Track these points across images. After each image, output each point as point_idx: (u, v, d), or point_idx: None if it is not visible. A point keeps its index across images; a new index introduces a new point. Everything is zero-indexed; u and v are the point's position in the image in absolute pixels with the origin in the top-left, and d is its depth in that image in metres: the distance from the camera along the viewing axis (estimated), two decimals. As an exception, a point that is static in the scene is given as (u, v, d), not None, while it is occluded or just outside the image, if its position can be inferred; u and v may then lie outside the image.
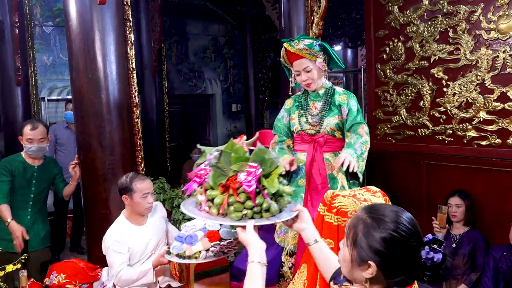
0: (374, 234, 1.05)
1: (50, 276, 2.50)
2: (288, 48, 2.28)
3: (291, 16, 3.85)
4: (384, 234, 1.04)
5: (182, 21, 7.51)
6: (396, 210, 1.10)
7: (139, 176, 2.42)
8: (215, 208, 1.36)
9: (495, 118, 2.94)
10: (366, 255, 1.06)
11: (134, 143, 2.97)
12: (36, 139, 2.84)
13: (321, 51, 2.28)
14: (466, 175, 3.13)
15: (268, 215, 1.36)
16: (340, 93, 2.36)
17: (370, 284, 1.09)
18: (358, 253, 1.08)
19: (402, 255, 1.05)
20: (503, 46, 2.86)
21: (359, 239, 1.08)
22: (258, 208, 1.35)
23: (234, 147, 1.41)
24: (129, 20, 2.92)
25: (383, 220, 1.06)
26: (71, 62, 2.84)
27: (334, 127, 2.30)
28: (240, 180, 1.33)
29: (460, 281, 2.92)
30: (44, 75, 6.10)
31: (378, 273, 1.06)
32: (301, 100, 2.42)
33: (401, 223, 1.06)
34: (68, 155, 4.31)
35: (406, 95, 3.50)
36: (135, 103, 2.98)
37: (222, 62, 8.08)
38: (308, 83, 2.30)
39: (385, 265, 1.05)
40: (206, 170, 1.42)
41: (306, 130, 2.34)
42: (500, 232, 2.82)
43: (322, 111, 2.32)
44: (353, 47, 6.54)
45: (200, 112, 8.10)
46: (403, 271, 1.06)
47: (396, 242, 1.04)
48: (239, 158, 1.37)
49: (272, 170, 1.39)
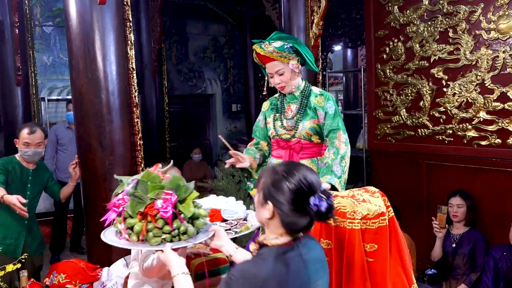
0: (272, 179, 1.31)
1: (50, 276, 2.50)
2: (257, 50, 2.20)
3: (291, 16, 3.85)
4: (277, 177, 1.30)
5: (182, 21, 7.51)
6: (294, 165, 1.35)
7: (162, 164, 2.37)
8: (135, 235, 1.44)
9: (495, 118, 2.94)
10: (266, 196, 1.32)
11: (134, 143, 2.97)
12: (34, 144, 2.79)
13: (293, 53, 2.17)
14: (466, 175, 3.13)
15: (186, 237, 1.47)
16: (316, 94, 2.25)
17: (270, 227, 1.33)
18: (262, 195, 1.33)
19: (293, 199, 1.27)
20: (503, 46, 2.86)
21: (262, 183, 1.34)
22: (176, 232, 1.45)
23: (150, 176, 1.51)
24: (129, 20, 2.91)
25: (281, 168, 1.32)
26: (71, 62, 2.84)
27: (310, 132, 2.20)
28: (157, 207, 1.43)
29: (460, 281, 2.92)
30: (44, 75, 6.10)
31: (275, 214, 1.30)
32: (277, 103, 2.34)
33: (295, 174, 1.29)
34: (69, 155, 4.31)
35: (406, 95, 3.50)
36: (135, 103, 2.97)
37: (222, 62, 8.07)
38: (281, 86, 2.22)
39: (278, 207, 1.29)
40: (124, 200, 1.49)
41: (281, 135, 2.25)
42: (500, 232, 2.82)
43: (297, 114, 2.22)
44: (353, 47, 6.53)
45: (200, 112, 8.10)
46: (294, 215, 1.28)
47: (287, 187, 1.28)
48: (155, 186, 1.48)
49: (187, 195, 1.51)
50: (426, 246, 3.28)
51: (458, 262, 2.96)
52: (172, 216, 1.43)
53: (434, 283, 3.06)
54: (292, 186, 1.27)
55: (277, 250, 1.29)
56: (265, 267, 1.24)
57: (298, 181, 1.28)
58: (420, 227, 3.43)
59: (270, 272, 1.23)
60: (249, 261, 1.34)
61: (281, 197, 1.28)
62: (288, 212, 1.28)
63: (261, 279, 1.22)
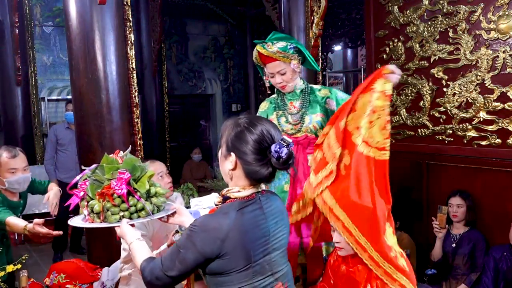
0: (236, 131, 1.37)
1: (50, 276, 2.49)
2: (260, 50, 2.21)
3: (291, 16, 3.85)
4: (240, 129, 1.37)
5: (182, 21, 7.51)
6: (256, 117, 1.44)
7: (151, 160, 2.32)
8: (96, 215, 1.54)
9: (495, 118, 2.94)
10: (229, 148, 1.38)
11: (134, 143, 2.97)
12: (21, 168, 2.37)
13: (295, 53, 2.21)
14: (466, 175, 3.13)
15: (144, 214, 1.56)
16: (318, 88, 2.30)
17: (233, 179, 1.40)
18: (225, 147, 1.40)
19: (256, 148, 1.34)
20: (503, 46, 2.86)
21: (224, 136, 1.41)
22: (133, 209, 1.55)
23: (108, 159, 1.61)
24: (129, 20, 2.92)
25: (243, 121, 1.39)
26: (71, 62, 2.84)
27: (317, 125, 2.21)
28: (113, 186, 1.53)
29: (460, 281, 2.92)
30: (44, 75, 6.10)
31: (238, 164, 1.37)
32: (277, 102, 2.35)
33: (257, 125, 1.37)
34: (69, 155, 4.32)
35: (406, 95, 3.50)
36: (135, 103, 2.98)
37: (222, 62, 8.08)
38: (283, 85, 2.24)
39: (241, 157, 1.35)
40: (85, 184, 1.60)
41: (287, 130, 2.26)
42: (500, 232, 2.82)
43: (302, 108, 2.25)
44: (353, 47, 6.54)
45: (200, 112, 8.10)
46: (257, 164, 1.34)
47: (250, 137, 1.34)
48: (112, 167, 1.56)
49: (143, 175, 1.62)
50: (426, 246, 3.28)
51: (458, 262, 2.96)
52: (127, 194, 1.52)
53: (434, 283, 3.06)
54: (255, 136, 1.34)
55: (239, 203, 1.35)
56: (227, 221, 1.30)
57: (260, 131, 1.35)
58: (420, 227, 3.43)
59: (231, 225, 1.30)
60: (212, 214, 1.38)
61: (244, 147, 1.35)
62: (251, 161, 1.34)
63: (223, 232, 1.29)
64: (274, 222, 1.40)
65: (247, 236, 1.32)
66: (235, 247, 1.29)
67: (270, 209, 1.40)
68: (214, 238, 1.29)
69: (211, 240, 1.29)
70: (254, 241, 1.34)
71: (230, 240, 1.29)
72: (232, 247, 1.29)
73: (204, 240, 1.29)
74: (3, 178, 2.33)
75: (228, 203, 1.38)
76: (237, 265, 1.31)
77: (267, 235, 1.37)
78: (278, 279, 1.40)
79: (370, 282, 1.74)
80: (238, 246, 1.30)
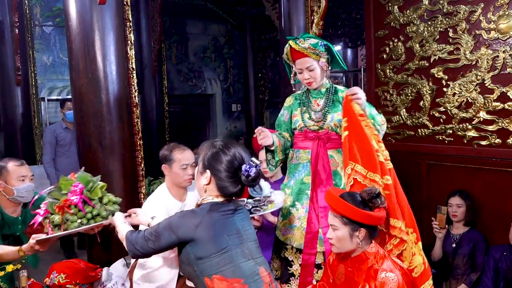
0: (212, 152, 1.64)
1: (50, 276, 2.49)
2: (293, 45, 2.28)
3: (291, 16, 3.85)
4: (216, 150, 1.64)
5: (182, 21, 7.51)
6: (230, 141, 1.69)
7: (180, 147, 2.38)
8: (56, 228, 1.77)
9: (495, 118, 2.94)
10: (205, 166, 1.64)
11: (134, 143, 2.97)
12: (28, 177, 2.36)
13: (325, 51, 2.29)
14: (466, 175, 3.13)
15: (100, 219, 1.84)
16: (342, 90, 2.38)
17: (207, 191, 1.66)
18: (201, 165, 1.66)
19: (228, 167, 1.61)
20: (503, 46, 2.86)
21: (201, 156, 1.66)
22: (89, 215, 1.82)
23: (64, 180, 1.87)
24: (129, 20, 2.91)
25: (219, 143, 1.66)
26: (71, 62, 2.84)
27: (338, 123, 2.29)
28: (69, 198, 1.79)
29: (460, 281, 2.92)
30: (44, 75, 6.09)
31: (211, 180, 1.64)
32: (302, 98, 2.43)
33: (231, 148, 1.63)
34: (72, 156, 4.15)
35: (406, 95, 3.50)
36: (135, 103, 2.97)
37: (222, 62, 8.07)
38: (310, 81, 2.31)
39: (216, 174, 1.62)
40: (45, 204, 1.86)
41: (309, 126, 2.34)
42: (500, 232, 2.82)
43: (325, 107, 2.33)
44: (353, 47, 6.54)
45: (200, 112, 8.10)
46: (228, 181, 1.62)
47: (224, 157, 1.61)
48: (67, 183, 1.84)
49: (95, 186, 1.90)
50: (426, 246, 3.28)
51: (458, 262, 2.96)
52: (82, 202, 1.80)
53: (434, 283, 3.06)
54: (228, 157, 1.61)
55: (211, 204, 1.62)
56: (202, 212, 1.60)
57: (233, 153, 1.62)
58: (420, 227, 3.42)
59: (204, 214, 1.58)
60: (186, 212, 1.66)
61: (218, 166, 1.61)
62: (223, 178, 1.61)
63: (197, 219, 1.57)
64: (240, 219, 1.67)
65: (217, 225, 1.58)
66: (206, 234, 1.55)
67: (237, 212, 1.68)
68: (189, 223, 1.57)
69: (186, 224, 1.56)
70: (227, 230, 1.60)
71: (202, 226, 1.55)
72: (203, 233, 1.55)
73: (180, 224, 1.57)
74: (12, 186, 2.29)
75: (202, 205, 1.66)
76: (213, 251, 1.56)
77: (238, 228, 1.64)
78: (259, 264, 1.65)
79: (368, 282, 1.75)
80: (209, 232, 1.56)
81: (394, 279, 1.70)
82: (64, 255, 4.29)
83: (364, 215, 1.77)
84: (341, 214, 1.79)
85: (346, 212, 1.77)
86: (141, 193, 2.99)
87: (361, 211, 1.77)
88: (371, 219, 1.80)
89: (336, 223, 1.81)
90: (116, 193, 2.61)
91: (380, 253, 1.83)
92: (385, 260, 1.78)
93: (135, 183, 2.98)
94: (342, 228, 1.79)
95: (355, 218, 1.77)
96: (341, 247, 1.82)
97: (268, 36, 7.49)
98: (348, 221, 1.78)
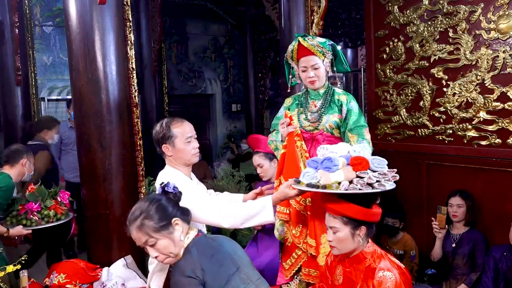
0: (158, 217, 1.70)
1: (50, 276, 2.50)
2: (302, 42, 2.29)
3: (291, 16, 3.85)
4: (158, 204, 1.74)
5: (182, 21, 7.51)
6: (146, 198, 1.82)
7: (176, 119, 2.08)
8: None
9: (495, 118, 2.94)
10: (168, 219, 1.71)
11: (134, 143, 2.97)
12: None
13: (330, 51, 2.32)
14: (466, 175, 3.13)
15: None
16: (340, 93, 2.39)
17: (182, 235, 1.71)
18: (164, 228, 1.68)
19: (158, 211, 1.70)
20: (503, 46, 2.86)
21: (152, 224, 1.68)
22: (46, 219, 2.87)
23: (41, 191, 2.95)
24: (129, 20, 2.91)
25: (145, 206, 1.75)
26: (71, 62, 2.84)
27: (333, 125, 2.31)
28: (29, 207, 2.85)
29: (460, 281, 2.92)
30: (44, 75, 6.10)
31: (179, 222, 1.70)
32: (300, 99, 2.44)
33: (151, 202, 1.76)
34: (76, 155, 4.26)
35: (406, 95, 3.50)
36: (135, 103, 2.97)
37: (222, 62, 8.07)
38: (313, 80, 2.32)
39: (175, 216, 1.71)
40: None
41: (305, 127, 2.36)
42: (500, 232, 2.82)
43: (322, 109, 2.34)
44: (353, 47, 6.54)
45: (200, 112, 8.10)
46: (172, 207, 1.73)
47: (153, 209, 1.71)
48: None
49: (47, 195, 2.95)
50: (426, 246, 3.28)
51: (458, 262, 2.96)
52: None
53: (434, 283, 3.06)
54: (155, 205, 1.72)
55: (192, 244, 1.69)
56: (193, 254, 1.65)
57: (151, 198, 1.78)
58: (420, 227, 3.43)
59: (198, 255, 1.64)
60: (179, 261, 1.69)
61: (156, 217, 1.68)
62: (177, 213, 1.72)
63: (196, 265, 1.61)
64: (228, 245, 1.72)
65: (214, 258, 1.64)
66: (209, 277, 1.59)
67: (216, 238, 1.76)
68: (193, 272, 1.59)
69: (193, 279, 1.58)
70: (222, 261, 1.64)
71: (206, 267, 1.60)
72: (207, 278, 1.59)
73: (186, 283, 1.59)
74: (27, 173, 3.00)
75: (185, 250, 1.70)
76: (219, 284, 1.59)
77: (230, 254, 1.68)
78: (259, 286, 1.67)
79: (366, 281, 1.75)
80: (211, 274, 1.59)
81: (391, 278, 1.70)
82: (64, 255, 4.29)
83: (365, 212, 1.77)
84: (341, 214, 1.79)
85: (346, 211, 1.77)
86: (141, 193, 2.99)
87: (362, 208, 1.77)
88: (371, 216, 1.81)
89: (336, 224, 1.81)
90: (116, 193, 2.64)
91: (377, 252, 1.83)
92: (383, 259, 1.78)
93: (135, 183, 2.98)
94: (343, 228, 1.79)
95: (356, 216, 1.77)
96: (342, 248, 1.82)
97: (268, 36, 7.49)
98: (349, 221, 1.78)
